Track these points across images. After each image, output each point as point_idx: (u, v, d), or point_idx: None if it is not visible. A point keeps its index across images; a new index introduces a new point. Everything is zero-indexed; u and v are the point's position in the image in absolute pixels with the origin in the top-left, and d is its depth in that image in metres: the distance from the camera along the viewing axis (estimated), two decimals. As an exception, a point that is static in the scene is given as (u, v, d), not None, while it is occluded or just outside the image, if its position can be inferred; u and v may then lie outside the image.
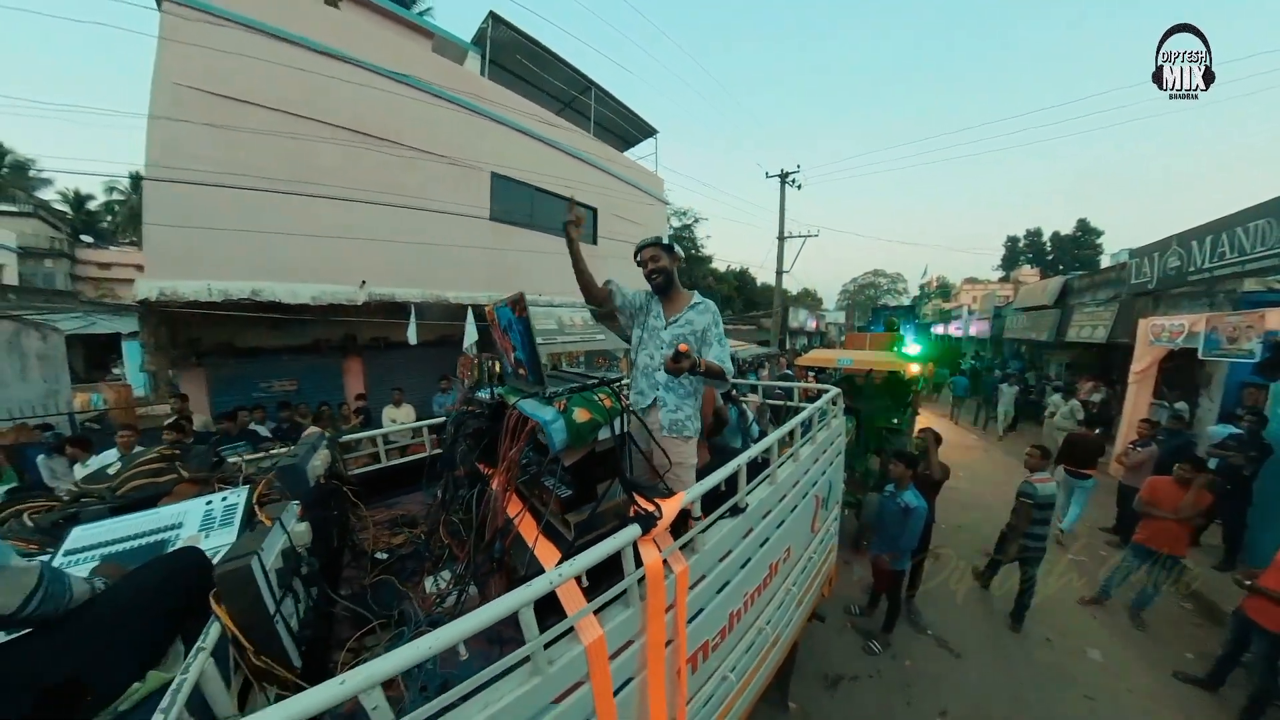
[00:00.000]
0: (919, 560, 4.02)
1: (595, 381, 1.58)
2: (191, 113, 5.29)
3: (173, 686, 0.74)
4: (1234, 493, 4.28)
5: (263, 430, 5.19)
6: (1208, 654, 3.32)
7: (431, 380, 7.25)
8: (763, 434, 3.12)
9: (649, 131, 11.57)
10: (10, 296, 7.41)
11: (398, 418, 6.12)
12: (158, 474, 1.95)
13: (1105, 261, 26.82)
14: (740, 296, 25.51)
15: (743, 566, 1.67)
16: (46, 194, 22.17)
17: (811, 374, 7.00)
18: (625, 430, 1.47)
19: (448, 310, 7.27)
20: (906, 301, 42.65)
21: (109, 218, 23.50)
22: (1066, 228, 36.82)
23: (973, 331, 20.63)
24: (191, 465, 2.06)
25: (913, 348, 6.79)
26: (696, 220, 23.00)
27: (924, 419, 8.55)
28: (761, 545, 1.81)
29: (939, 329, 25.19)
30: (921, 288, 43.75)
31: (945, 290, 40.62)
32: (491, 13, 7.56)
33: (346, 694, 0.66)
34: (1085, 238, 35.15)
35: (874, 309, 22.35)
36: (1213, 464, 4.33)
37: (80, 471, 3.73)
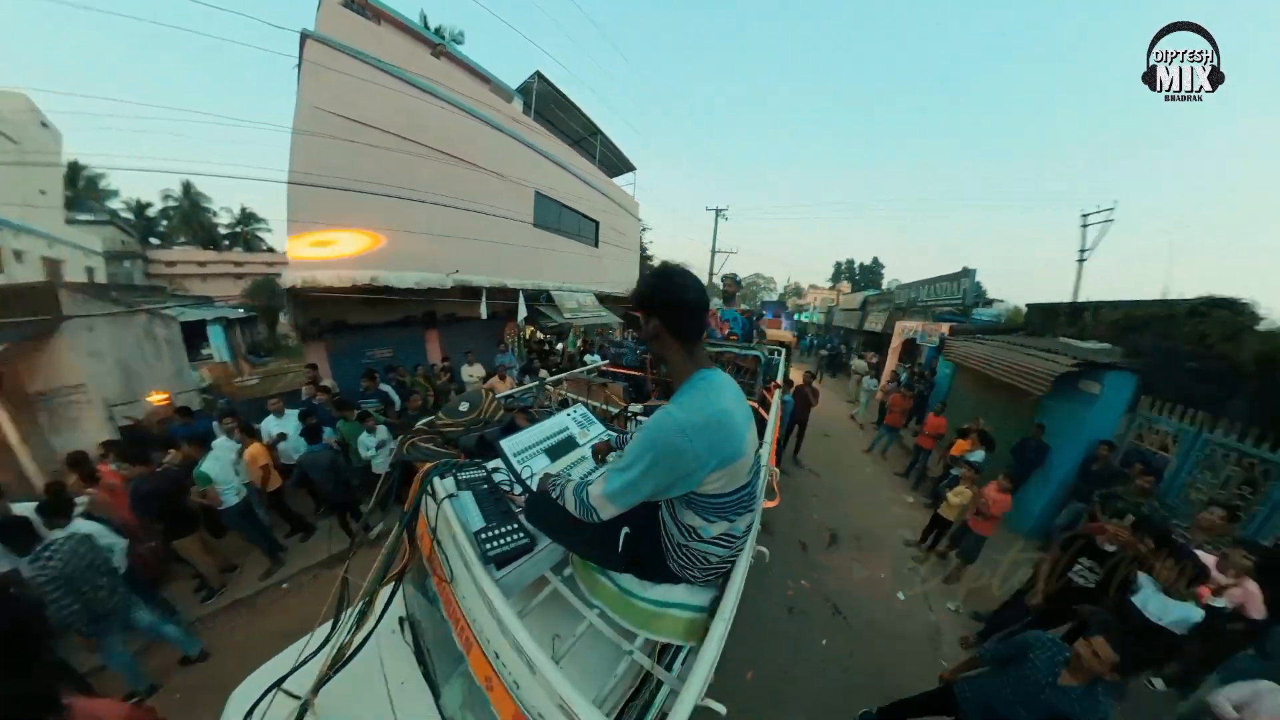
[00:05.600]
0: (801, 432, 6.59)
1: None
2: (324, 130, 5.57)
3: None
4: (918, 397, 7.97)
5: (387, 389, 5.36)
6: (903, 461, 6.75)
7: (490, 345, 8.24)
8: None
9: (630, 167, 13.03)
10: (113, 294, 6.68)
11: (473, 374, 6.79)
12: (498, 409, 1.96)
13: (884, 283, 35.56)
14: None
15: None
16: (113, 203, 21.98)
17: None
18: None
19: (505, 293, 8.01)
20: (774, 298, 50.71)
21: (164, 222, 23.69)
22: (867, 259, 48.31)
23: (817, 318, 26.46)
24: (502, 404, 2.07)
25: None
26: (646, 228, 24.67)
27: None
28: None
29: (798, 317, 31.32)
30: (784, 288, 52.35)
31: (799, 291, 49.14)
32: (538, 71, 8.35)
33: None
34: (875, 268, 46.42)
35: (762, 301, 27.03)
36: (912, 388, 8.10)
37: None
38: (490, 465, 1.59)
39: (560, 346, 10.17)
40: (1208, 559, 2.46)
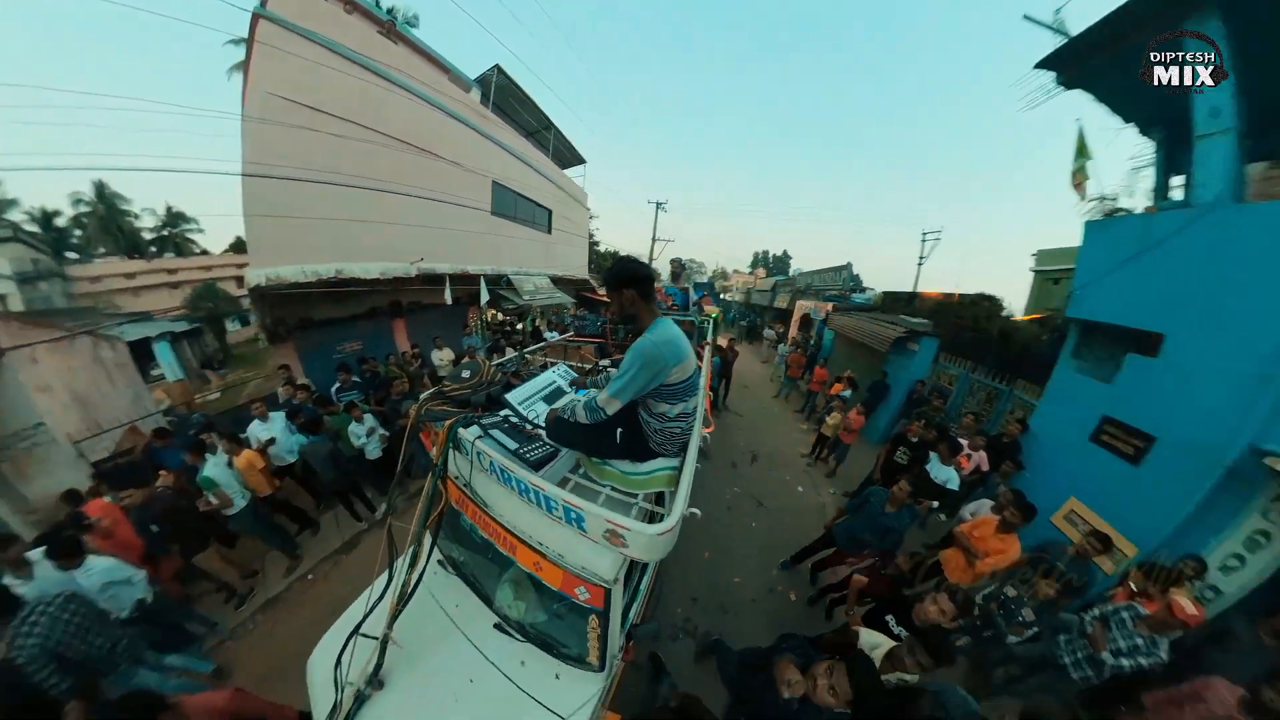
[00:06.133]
0: (728, 385, 7.52)
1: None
2: (280, 117, 4.82)
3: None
4: (810, 356, 9.44)
5: (360, 382, 5.03)
6: (800, 402, 8.03)
7: (455, 329, 7.97)
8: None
9: (581, 159, 12.57)
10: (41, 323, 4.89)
11: (443, 358, 6.45)
12: (496, 373, 1.98)
13: (791, 270, 39.53)
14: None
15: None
16: (14, 214, 16.10)
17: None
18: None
19: (467, 278, 7.51)
20: (704, 280, 53.07)
21: (78, 231, 18.00)
22: (779, 251, 53.41)
23: (738, 299, 28.56)
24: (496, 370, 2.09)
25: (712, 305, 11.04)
26: (593, 216, 23.89)
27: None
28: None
29: (723, 296, 33.20)
30: (713, 271, 54.95)
31: (725, 275, 51.91)
32: (497, 65, 7.68)
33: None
34: (785, 258, 52.27)
35: (695, 284, 28.53)
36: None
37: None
38: (501, 414, 1.78)
39: (520, 326, 10.09)
40: (964, 442, 3.79)
